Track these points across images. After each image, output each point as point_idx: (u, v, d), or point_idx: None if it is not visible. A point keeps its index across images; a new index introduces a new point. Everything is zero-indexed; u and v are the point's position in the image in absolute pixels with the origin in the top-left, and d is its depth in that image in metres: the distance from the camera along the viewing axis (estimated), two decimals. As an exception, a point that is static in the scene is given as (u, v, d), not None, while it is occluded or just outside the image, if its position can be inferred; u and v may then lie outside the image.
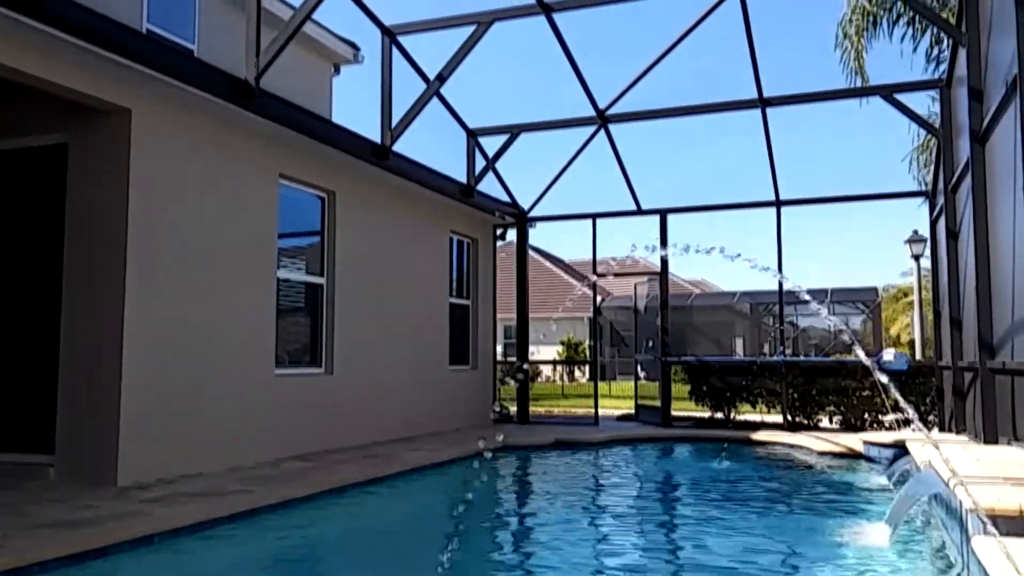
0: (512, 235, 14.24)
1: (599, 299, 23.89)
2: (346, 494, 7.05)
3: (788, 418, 12.27)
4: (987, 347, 7.23)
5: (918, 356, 19.19)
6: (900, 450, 8.37)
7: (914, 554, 5.14)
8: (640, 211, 13.35)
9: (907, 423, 10.07)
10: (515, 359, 14.66)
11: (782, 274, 12.00)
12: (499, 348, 14.83)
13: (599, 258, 14.03)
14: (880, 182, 14.55)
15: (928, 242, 12.24)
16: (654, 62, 10.54)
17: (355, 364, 9.89)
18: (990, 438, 7.19)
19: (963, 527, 4.27)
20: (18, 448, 7.22)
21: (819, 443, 10.31)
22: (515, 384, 14.52)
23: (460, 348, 12.93)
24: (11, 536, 4.72)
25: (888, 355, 12.48)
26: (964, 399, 9.04)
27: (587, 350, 28.90)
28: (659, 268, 13.55)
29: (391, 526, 6.49)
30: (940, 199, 10.43)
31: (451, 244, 12.75)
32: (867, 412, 11.92)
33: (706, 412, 13.23)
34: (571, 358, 28.70)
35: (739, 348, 29.48)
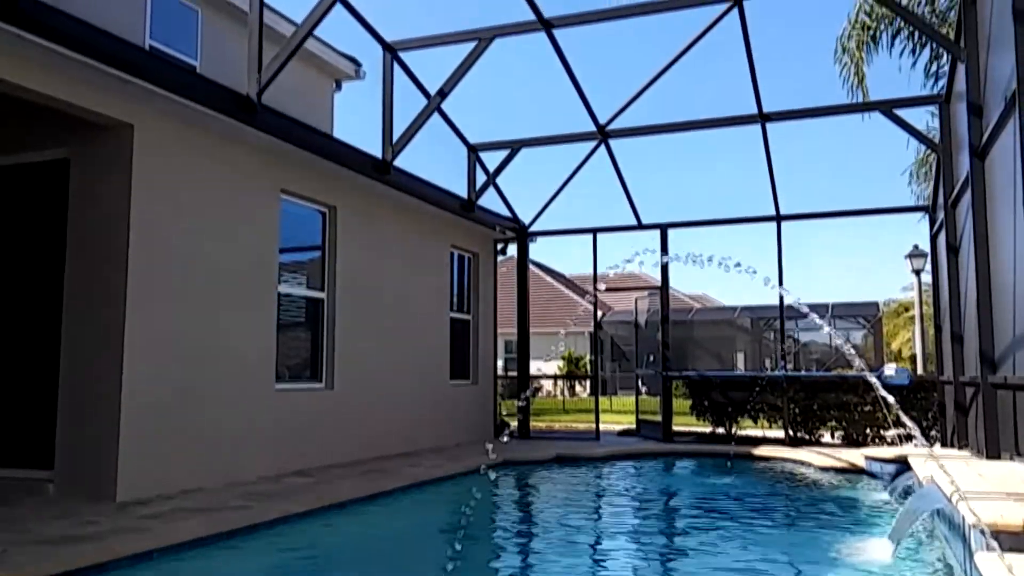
0: (513, 250, 14.26)
1: (600, 314, 23.89)
2: (346, 509, 7.02)
3: (790, 433, 12.23)
4: (988, 362, 7.22)
5: (919, 371, 19.16)
6: (902, 465, 8.34)
7: (917, 570, 5.12)
8: (641, 226, 13.37)
9: (909, 438, 10.04)
10: (516, 374, 14.62)
11: (783, 287, 12.00)
12: (500, 363, 14.81)
13: (600, 273, 14.05)
14: (880, 197, 14.58)
15: (929, 257, 12.25)
16: (654, 78, 10.58)
17: (355, 379, 9.88)
18: (992, 453, 7.16)
19: (966, 543, 4.25)
20: (17, 464, 7.20)
21: (821, 458, 10.28)
22: (519, 402, 14.48)
23: (461, 363, 12.91)
24: (10, 552, 4.70)
25: (889, 370, 12.47)
26: (966, 414, 9.02)
27: (588, 365, 28.87)
28: (660, 283, 13.55)
29: (391, 541, 6.45)
30: (940, 214, 10.44)
31: (452, 259, 12.76)
32: (869, 427, 11.89)
33: (707, 427, 13.20)
34: (572, 373, 28.65)
35: (740, 363, 29.44)
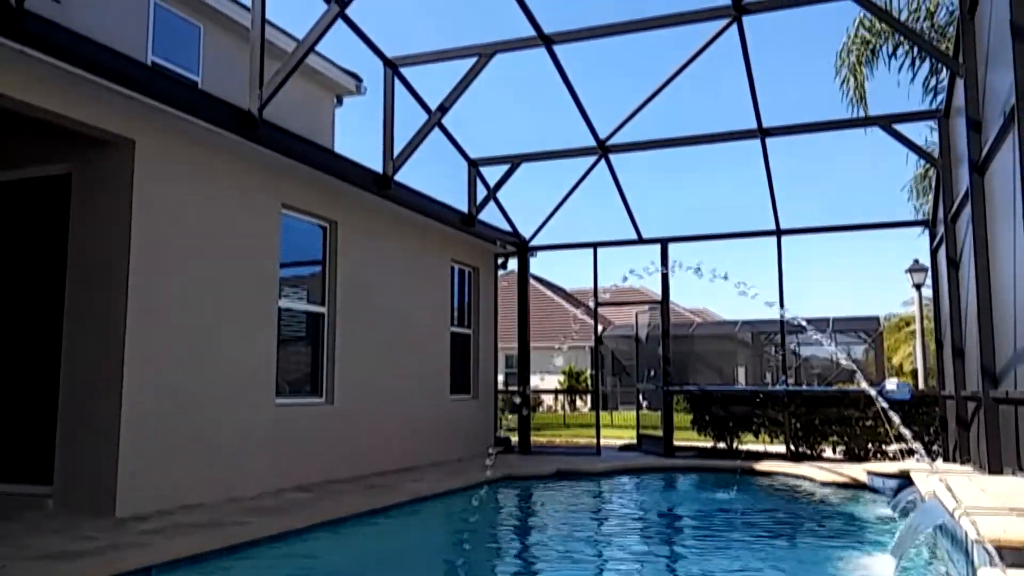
0: (513, 264, 14.27)
1: (600, 328, 23.87)
2: (346, 525, 6.99)
3: (791, 448, 12.19)
4: (990, 376, 7.20)
5: (921, 385, 19.12)
6: (904, 480, 8.30)
7: (920, 586, 5.08)
8: (641, 240, 13.39)
9: (911, 453, 10.01)
10: (516, 388, 14.61)
11: (783, 309, 12.00)
12: (500, 377, 14.79)
13: (600, 287, 14.05)
14: (880, 211, 14.58)
15: (929, 271, 12.25)
16: (654, 93, 10.62)
17: (356, 394, 9.86)
18: (995, 468, 7.13)
19: (968, 558, 4.22)
20: (16, 479, 7.19)
21: (823, 473, 10.24)
22: (516, 413, 14.44)
23: (461, 377, 12.89)
24: (9, 567, 4.68)
25: (891, 384, 12.45)
26: (968, 429, 8.99)
27: (589, 379, 28.81)
28: (660, 297, 13.55)
29: (391, 557, 6.42)
30: (940, 228, 10.45)
31: (452, 273, 12.77)
32: (871, 442, 11.85)
33: (709, 442, 13.16)
34: (573, 387, 28.58)
35: (741, 377, 29.39)
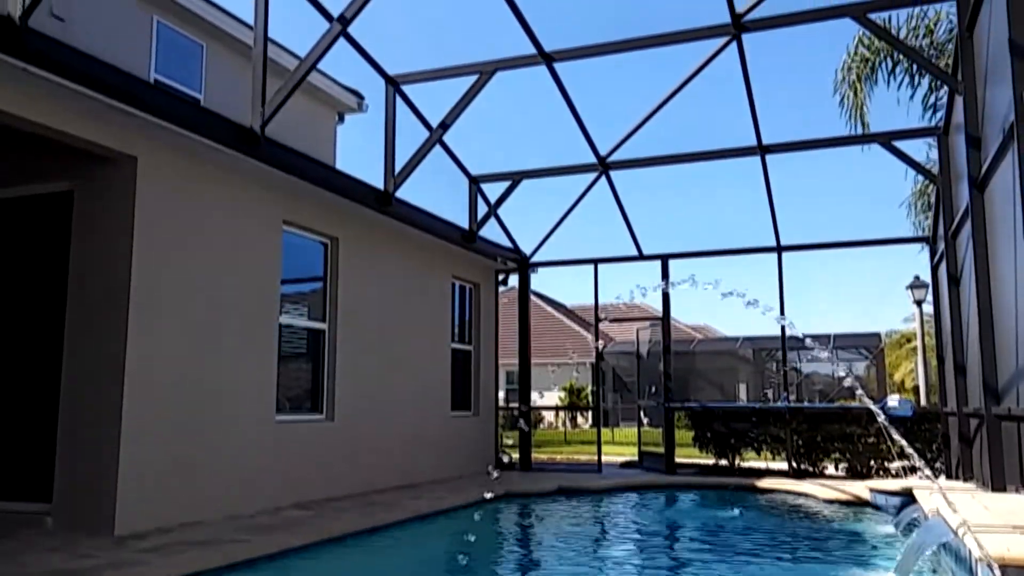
0: (514, 280, 14.28)
1: (601, 344, 23.85)
2: (346, 543, 6.95)
3: (793, 465, 12.14)
4: (992, 393, 7.18)
5: (923, 402, 19.08)
6: (907, 498, 8.26)
7: (924, 605, 5.04)
8: (642, 256, 13.40)
9: (914, 470, 9.97)
10: (517, 405, 14.57)
11: (785, 319, 11.98)
12: (501, 394, 14.75)
13: (601, 303, 14.05)
14: (881, 227, 14.63)
15: (930, 287, 12.25)
16: (654, 110, 10.66)
17: (356, 410, 9.83)
18: (998, 486, 7.09)
19: (973, 577, 4.19)
20: (15, 496, 7.16)
21: (825, 491, 10.19)
22: (517, 430, 14.40)
23: (462, 394, 12.87)
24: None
25: (893, 401, 12.41)
26: (970, 446, 8.96)
27: (590, 396, 28.74)
28: (661, 313, 13.54)
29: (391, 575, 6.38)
30: (941, 245, 10.46)
31: (453, 289, 12.77)
32: (873, 459, 11.80)
33: (710, 459, 13.10)
34: (574, 404, 28.51)
35: (742, 393, 29.34)
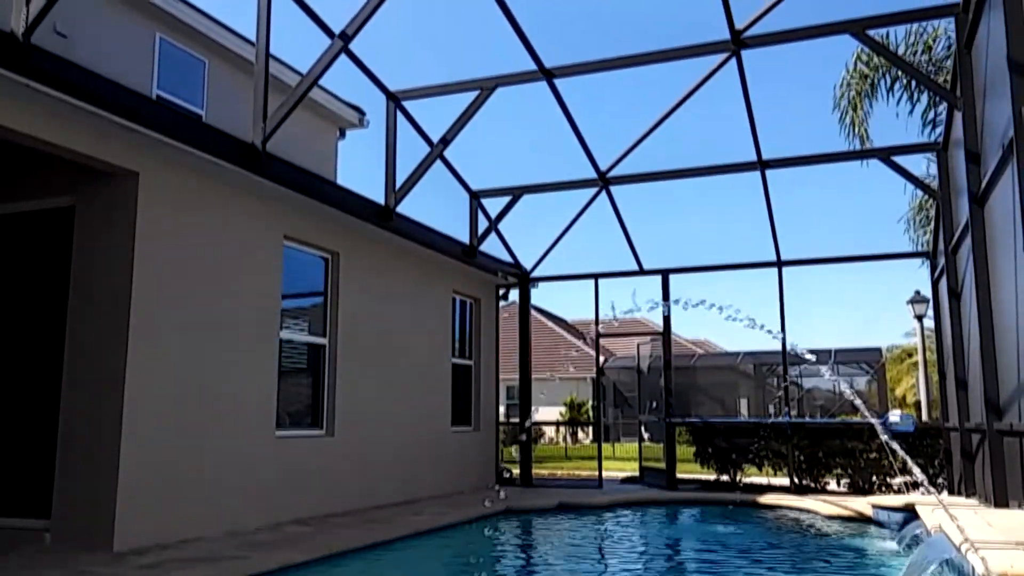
0: (514, 295, 14.28)
1: (602, 359, 23.82)
2: (346, 559, 6.91)
3: (795, 481, 12.10)
4: (994, 408, 7.17)
5: (924, 417, 19.03)
6: (910, 514, 8.23)
7: (927, 622, 5.01)
8: (642, 271, 13.42)
9: (916, 486, 9.93)
10: (518, 420, 14.54)
11: (784, 335, 11.98)
12: (502, 409, 14.72)
13: (601, 318, 14.04)
14: (881, 242, 14.63)
15: (931, 302, 12.24)
16: (654, 126, 10.71)
17: (356, 426, 9.81)
18: (1001, 501, 7.07)
19: (977, 594, 4.17)
20: (14, 513, 7.12)
21: (827, 507, 10.15)
22: (518, 445, 14.37)
23: (462, 409, 12.84)
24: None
25: (894, 416, 12.38)
26: (973, 461, 8.93)
27: (590, 411, 28.68)
28: (661, 328, 13.54)
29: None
30: (941, 259, 10.47)
31: (454, 304, 12.77)
32: (875, 475, 11.75)
33: (712, 474, 13.06)
34: (574, 419, 28.45)
35: (743, 409, 29.27)
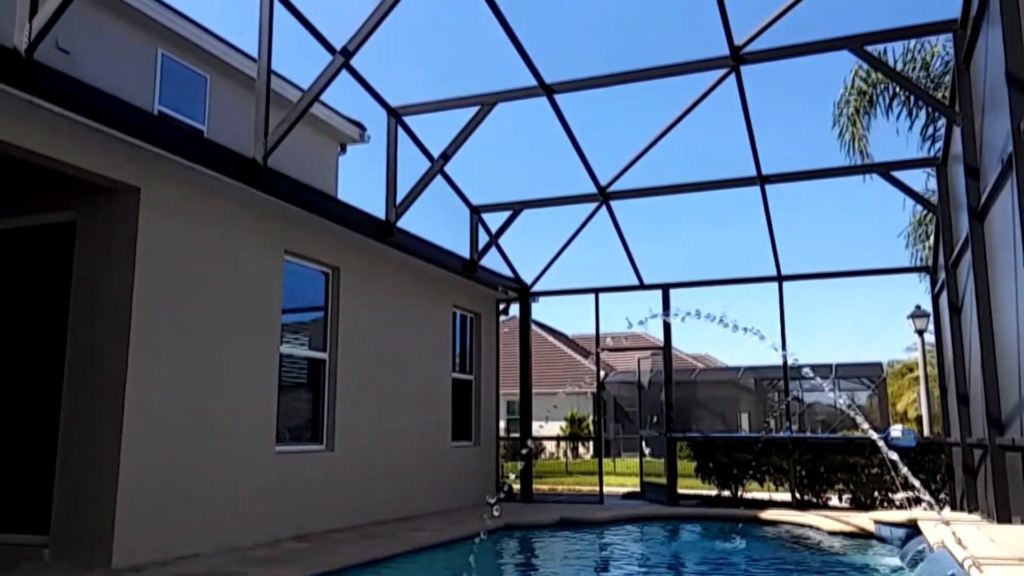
0: (515, 310, 14.27)
1: (602, 374, 23.78)
2: (345, 575, 6.87)
3: (797, 496, 12.05)
4: (995, 423, 7.15)
5: (926, 432, 18.97)
6: (912, 529, 8.19)
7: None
8: (642, 285, 13.42)
9: (918, 501, 9.89)
10: (518, 435, 14.50)
11: (786, 351, 11.96)
12: (502, 424, 14.68)
13: (602, 332, 14.03)
14: (880, 256, 14.64)
15: (931, 317, 12.24)
16: (653, 141, 10.74)
17: (356, 441, 9.78)
18: (1003, 517, 7.04)
19: (980, 611, 4.14)
20: (12, 528, 7.09)
21: (829, 522, 10.10)
22: (519, 460, 14.32)
23: (463, 424, 12.80)
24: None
25: (896, 431, 12.34)
26: (975, 477, 8.89)
27: (591, 426, 28.60)
28: (662, 342, 13.52)
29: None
30: (941, 274, 10.47)
31: (454, 319, 12.77)
32: (877, 490, 11.71)
33: (713, 490, 13.00)
34: (575, 434, 28.36)
35: (744, 423, 29.18)
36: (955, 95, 8.40)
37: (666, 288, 13.31)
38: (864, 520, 9.76)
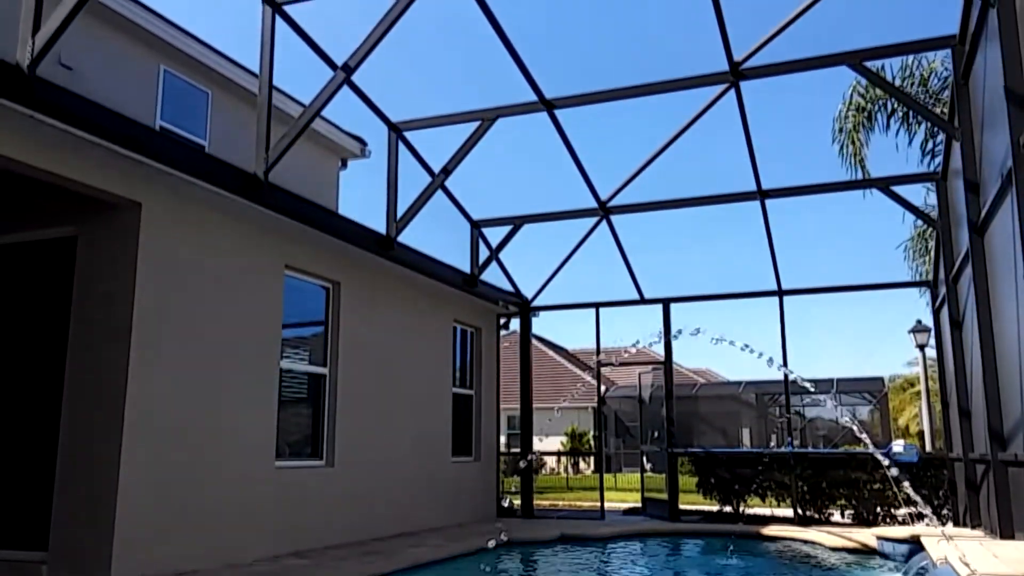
0: (515, 324, 14.26)
1: (603, 388, 23.74)
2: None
3: (798, 512, 11.99)
4: (997, 438, 7.12)
5: (928, 447, 18.91)
6: (915, 545, 8.14)
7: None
8: (643, 300, 13.41)
9: (921, 517, 9.84)
10: (519, 450, 14.46)
11: (786, 364, 11.95)
12: (503, 439, 14.64)
13: (602, 347, 14.02)
14: (880, 271, 14.67)
15: (932, 331, 12.22)
16: (654, 156, 10.76)
17: (356, 456, 9.74)
18: (1006, 533, 7.00)
19: (984, 628, 4.11)
20: (11, 545, 7.05)
21: (831, 538, 10.04)
22: (519, 476, 14.26)
23: (463, 439, 12.76)
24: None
25: (898, 446, 12.30)
26: (978, 492, 8.85)
27: (592, 441, 28.50)
28: (663, 357, 13.50)
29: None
30: (942, 289, 10.47)
31: (454, 333, 12.75)
32: (879, 505, 11.65)
33: (714, 505, 12.95)
34: (576, 449, 28.26)
35: (746, 438, 29.10)
36: (954, 110, 8.43)
37: (667, 303, 13.30)
38: (866, 536, 9.71)
